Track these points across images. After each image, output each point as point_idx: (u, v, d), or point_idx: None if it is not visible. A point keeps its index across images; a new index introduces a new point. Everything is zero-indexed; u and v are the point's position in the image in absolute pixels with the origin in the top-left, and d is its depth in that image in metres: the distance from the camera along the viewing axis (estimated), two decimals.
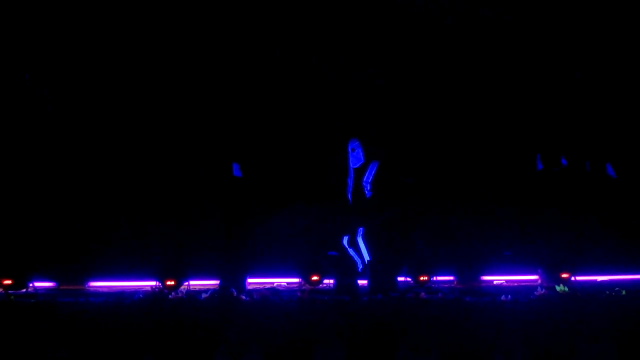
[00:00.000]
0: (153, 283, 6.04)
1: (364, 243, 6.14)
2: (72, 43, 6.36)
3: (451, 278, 6.40)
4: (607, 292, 5.60)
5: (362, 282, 6.15)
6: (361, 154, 6.30)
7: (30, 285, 6.04)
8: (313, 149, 6.51)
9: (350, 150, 6.35)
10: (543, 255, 6.38)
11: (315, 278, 6.21)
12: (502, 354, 5.07)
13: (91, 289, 6.13)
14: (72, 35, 6.35)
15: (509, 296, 5.49)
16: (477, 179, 6.55)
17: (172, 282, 6.01)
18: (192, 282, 6.17)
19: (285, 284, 6.28)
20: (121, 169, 6.34)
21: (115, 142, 6.38)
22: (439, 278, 6.35)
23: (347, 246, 6.17)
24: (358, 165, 6.31)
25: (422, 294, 5.59)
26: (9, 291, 5.87)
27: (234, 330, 5.17)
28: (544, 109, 6.68)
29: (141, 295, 5.53)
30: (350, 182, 6.30)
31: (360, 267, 6.11)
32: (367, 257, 6.12)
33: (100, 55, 6.39)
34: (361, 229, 6.17)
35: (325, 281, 6.27)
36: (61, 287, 6.09)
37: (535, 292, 5.60)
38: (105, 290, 6.06)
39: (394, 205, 6.21)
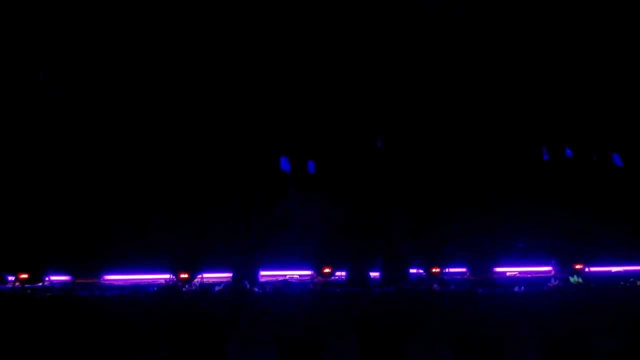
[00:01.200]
0: (167, 276, 6.09)
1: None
2: (77, 37, 6.38)
3: (464, 270, 6.37)
4: (622, 283, 5.55)
5: (374, 274, 6.15)
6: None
7: (46, 279, 6.11)
8: (322, 144, 6.51)
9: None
10: (557, 247, 6.32)
11: (327, 270, 6.22)
12: (515, 345, 5.06)
13: (106, 282, 6.19)
14: (75, 28, 6.37)
15: (522, 287, 5.46)
16: (489, 170, 6.51)
17: (186, 275, 6.06)
18: (205, 275, 6.21)
19: (298, 276, 6.29)
20: (135, 162, 6.37)
21: (129, 135, 6.40)
22: (452, 270, 6.33)
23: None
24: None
25: (435, 285, 5.57)
26: (26, 285, 5.95)
27: (247, 322, 5.21)
28: (554, 99, 6.61)
29: (155, 288, 5.58)
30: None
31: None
32: None
33: (109, 51, 6.42)
34: None
35: (337, 273, 6.28)
36: (77, 281, 6.15)
37: (548, 284, 5.56)
38: (120, 283, 6.11)
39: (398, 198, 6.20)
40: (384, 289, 5.58)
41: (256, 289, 5.56)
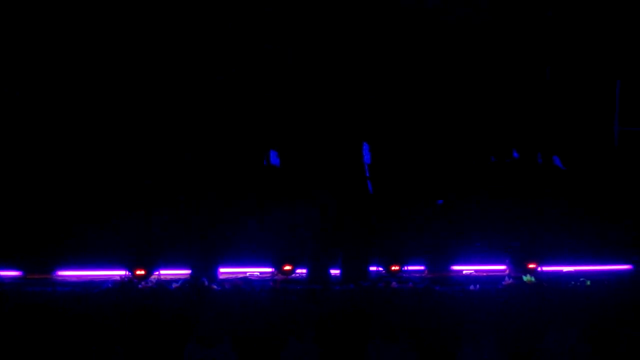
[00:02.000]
0: (123, 272, 5.95)
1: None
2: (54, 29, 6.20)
3: (422, 268, 6.48)
4: (572, 283, 5.75)
5: (334, 271, 6.18)
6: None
7: None
8: (282, 140, 6.50)
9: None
10: (511, 246, 6.50)
11: (287, 267, 6.20)
12: (470, 340, 5.17)
13: (59, 278, 6.00)
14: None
15: (478, 285, 5.59)
16: (447, 171, 6.64)
17: (143, 272, 5.93)
18: (163, 272, 6.09)
19: (258, 273, 6.26)
20: (90, 157, 6.21)
21: (83, 130, 6.24)
22: (410, 268, 6.42)
23: None
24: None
25: (394, 283, 5.64)
26: None
27: (205, 319, 5.14)
28: (505, 104, 6.82)
29: (110, 285, 5.44)
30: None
31: None
32: None
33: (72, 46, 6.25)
34: None
35: (298, 271, 6.28)
36: (28, 276, 5.94)
37: (502, 282, 5.72)
38: (73, 279, 5.94)
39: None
40: (344, 287, 5.62)
41: (215, 286, 5.49)
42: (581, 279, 5.80)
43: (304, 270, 6.22)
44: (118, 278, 5.78)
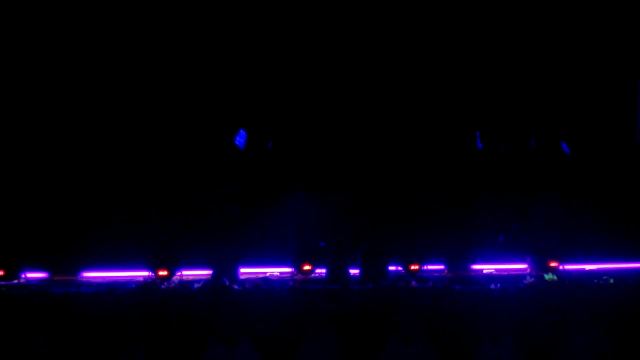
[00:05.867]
0: (146, 273, 6.05)
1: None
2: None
3: (442, 267, 6.45)
4: (595, 281, 5.66)
5: (354, 271, 6.19)
6: None
7: (22, 276, 6.03)
8: (306, 138, 6.52)
9: None
10: (532, 245, 6.43)
11: (307, 267, 6.23)
12: (490, 341, 5.13)
13: (84, 279, 6.13)
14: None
15: (498, 285, 5.54)
16: (466, 167, 6.59)
17: (165, 272, 6.03)
18: (185, 272, 6.18)
19: (278, 273, 6.30)
20: (113, 158, 6.32)
21: (107, 131, 6.33)
22: (430, 267, 6.40)
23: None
24: None
25: (413, 282, 5.62)
26: (1, 282, 5.85)
27: (226, 318, 5.20)
28: (533, 94, 6.71)
29: (133, 285, 5.54)
30: None
31: None
32: None
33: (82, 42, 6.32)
34: None
35: (318, 270, 6.30)
36: (54, 278, 6.08)
37: (524, 281, 5.65)
38: (97, 280, 6.06)
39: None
40: (363, 286, 5.62)
41: (236, 286, 5.54)
42: (604, 277, 5.70)
43: (324, 270, 6.24)
44: (141, 279, 5.87)
